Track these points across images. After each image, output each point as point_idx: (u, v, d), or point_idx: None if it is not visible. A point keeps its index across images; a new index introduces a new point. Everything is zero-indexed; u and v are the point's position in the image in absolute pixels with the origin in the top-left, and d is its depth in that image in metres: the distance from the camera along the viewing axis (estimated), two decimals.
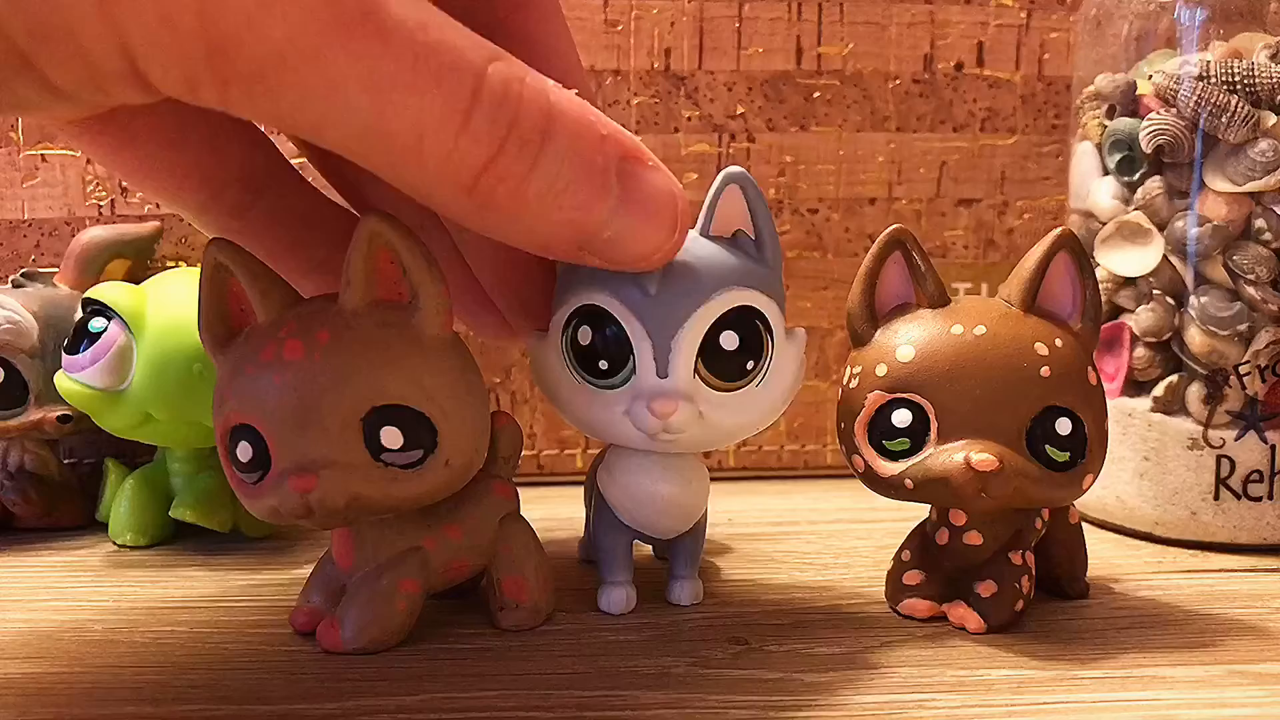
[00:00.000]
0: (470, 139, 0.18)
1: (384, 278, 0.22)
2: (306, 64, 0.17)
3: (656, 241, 0.22)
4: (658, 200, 0.22)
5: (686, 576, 0.27)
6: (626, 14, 0.40)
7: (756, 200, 0.24)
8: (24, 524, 0.35)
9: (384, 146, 0.18)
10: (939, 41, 0.42)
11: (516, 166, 0.19)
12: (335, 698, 0.21)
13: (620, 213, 0.21)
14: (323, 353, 0.22)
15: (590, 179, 0.20)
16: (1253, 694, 0.22)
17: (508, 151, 0.19)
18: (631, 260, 0.22)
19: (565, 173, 0.20)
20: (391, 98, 0.17)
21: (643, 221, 0.21)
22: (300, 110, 0.17)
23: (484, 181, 0.19)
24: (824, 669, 0.23)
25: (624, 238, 0.21)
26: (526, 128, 0.19)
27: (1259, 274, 0.31)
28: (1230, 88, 0.31)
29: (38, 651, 0.24)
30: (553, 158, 0.19)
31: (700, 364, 0.24)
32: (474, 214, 0.20)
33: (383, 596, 0.24)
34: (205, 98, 0.17)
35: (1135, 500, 0.33)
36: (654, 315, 0.24)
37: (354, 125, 0.18)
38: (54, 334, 0.33)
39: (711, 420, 0.24)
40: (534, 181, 0.19)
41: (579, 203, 0.20)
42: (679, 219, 0.22)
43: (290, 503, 0.22)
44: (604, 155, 0.20)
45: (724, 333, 0.24)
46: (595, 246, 0.21)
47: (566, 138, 0.20)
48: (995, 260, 0.43)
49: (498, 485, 0.26)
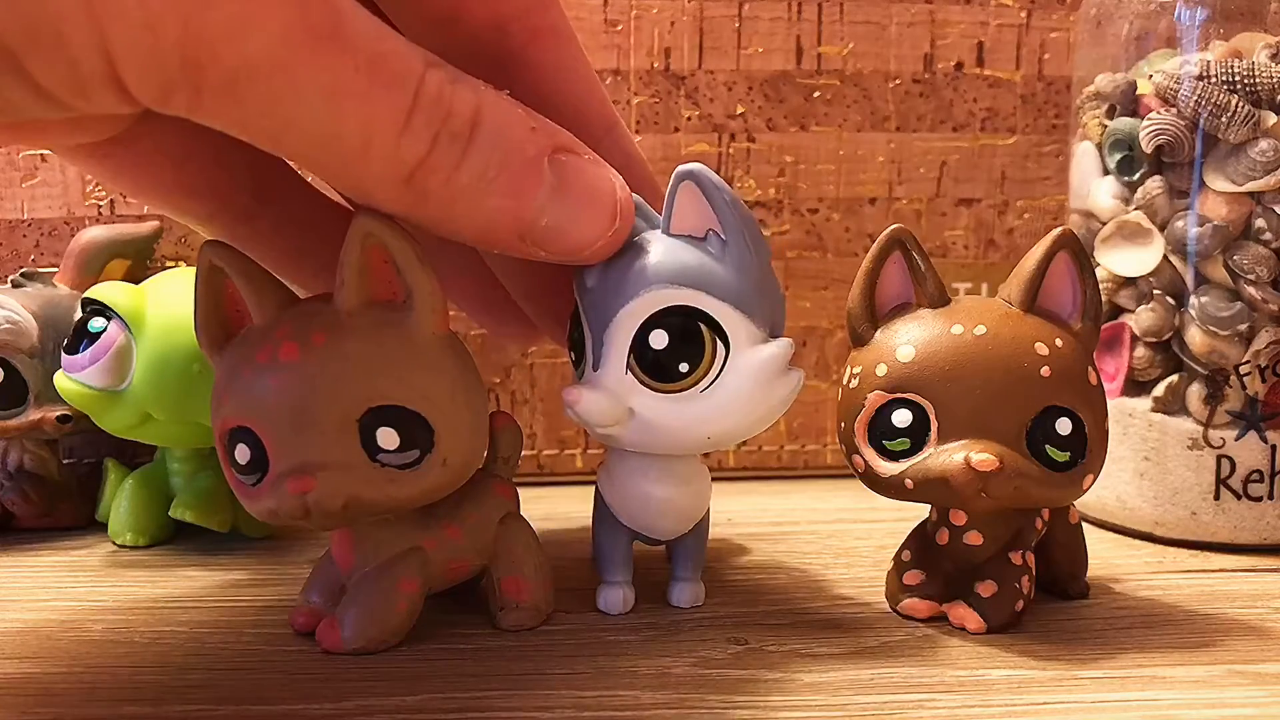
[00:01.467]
0: (410, 137, 0.19)
1: (378, 278, 0.22)
2: (277, 74, 0.18)
3: (595, 231, 0.23)
4: (594, 189, 0.22)
5: (688, 579, 0.27)
6: (626, 14, 0.40)
7: (716, 197, 0.23)
8: (24, 524, 0.35)
9: (335, 150, 0.19)
10: (939, 41, 0.42)
11: (447, 158, 0.20)
12: (335, 698, 0.21)
13: (556, 201, 0.22)
14: (318, 354, 0.22)
15: (521, 168, 0.21)
16: (1253, 694, 0.22)
17: (440, 145, 0.20)
18: (572, 250, 0.23)
19: (495, 161, 0.21)
20: (345, 105, 0.18)
21: (579, 210, 0.22)
22: (264, 118, 0.18)
23: (419, 174, 0.20)
24: (824, 669, 0.23)
25: (562, 227, 0.22)
26: (457, 123, 0.20)
27: (1259, 274, 0.31)
28: (1230, 87, 0.31)
29: (38, 651, 0.24)
30: (481, 149, 0.20)
31: (633, 361, 0.24)
32: (413, 207, 0.21)
33: (383, 596, 0.24)
34: (176, 105, 0.18)
35: (1135, 500, 0.33)
36: (593, 308, 0.24)
37: (311, 132, 0.19)
38: (53, 334, 0.33)
39: (649, 421, 0.24)
40: (464, 170, 0.20)
41: (510, 190, 0.21)
42: (618, 209, 0.23)
43: (288, 504, 0.22)
44: (535, 145, 0.21)
45: (654, 331, 0.24)
46: (535, 236, 0.22)
47: (494, 128, 0.20)
48: (995, 260, 0.43)
49: (498, 485, 0.26)
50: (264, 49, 0.17)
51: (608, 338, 0.24)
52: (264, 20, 0.17)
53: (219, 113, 0.18)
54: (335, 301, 0.22)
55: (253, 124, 0.19)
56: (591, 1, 0.40)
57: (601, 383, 0.24)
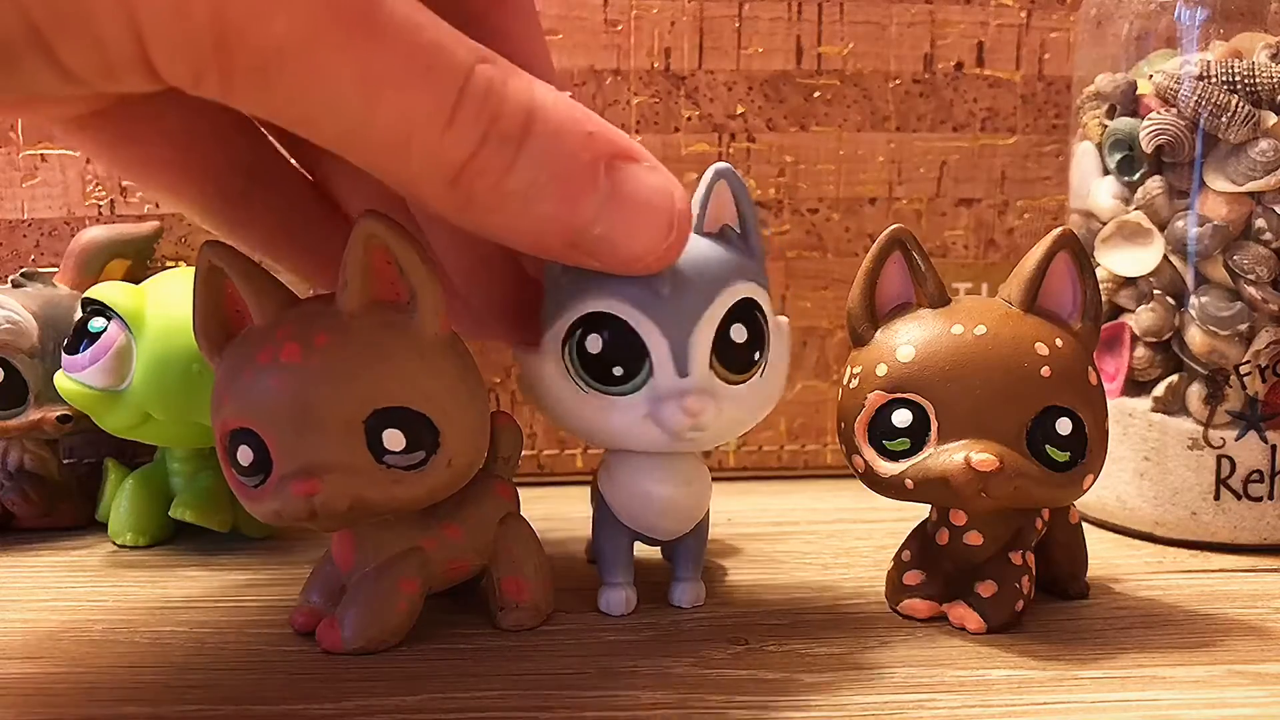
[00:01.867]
0: (454, 135, 0.19)
1: (381, 278, 0.22)
2: (305, 59, 0.17)
3: (650, 243, 0.22)
4: (651, 199, 0.21)
5: (689, 578, 0.27)
6: (626, 14, 0.40)
7: (742, 193, 0.25)
8: (24, 524, 0.35)
9: (373, 142, 0.19)
10: (939, 41, 0.42)
11: (496, 161, 0.19)
12: (335, 698, 0.21)
13: (610, 210, 0.21)
14: (321, 356, 0.22)
15: (574, 175, 0.20)
16: (1253, 694, 0.22)
17: (488, 146, 0.19)
18: (626, 261, 0.22)
19: (547, 167, 0.20)
20: (383, 94, 0.18)
21: (635, 220, 0.21)
22: (296, 104, 0.18)
23: (465, 176, 0.19)
24: (824, 669, 0.23)
25: (615, 236, 0.21)
26: (507, 124, 0.19)
27: (1259, 274, 0.31)
28: (1230, 87, 0.31)
29: (38, 651, 0.24)
30: (532, 153, 0.20)
31: (714, 359, 0.24)
32: (458, 209, 0.20)
33: (383, 596, 0.24)
34: (207, 88, 0.17)
35: (1135, 500, 0.33)
36: (668, 315, 0.24)
37: (345, 121, 0.18)
38: (53, 334, 0.33)
39: (725, 413, 0.24)
40: (513, 176, 0.20)
41: (563, 197, 0.20)
42: (676, 219, 0.22)
43: (293, 506, 0.22)
44: (590, 152, 0.20)
45: (734, 325, 0.24)
46: (586, 245, 0.21)
47: (548, 133, 0.20)
48: (995, 260, 0.43)
49: (498, 485, 0.26)
50: (292, 31, 0.17)
51: (693, 341, 0.24)
52: (293, 3, 0.17)
53: (250, 97, 0.18)
54: (337, 302, 0.22)
55: (285, 110, 0.18)
56: (591, 1, 0.40)
57: (699, 387, 0.24)
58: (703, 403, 0.24)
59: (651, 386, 0.24)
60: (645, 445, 0.25)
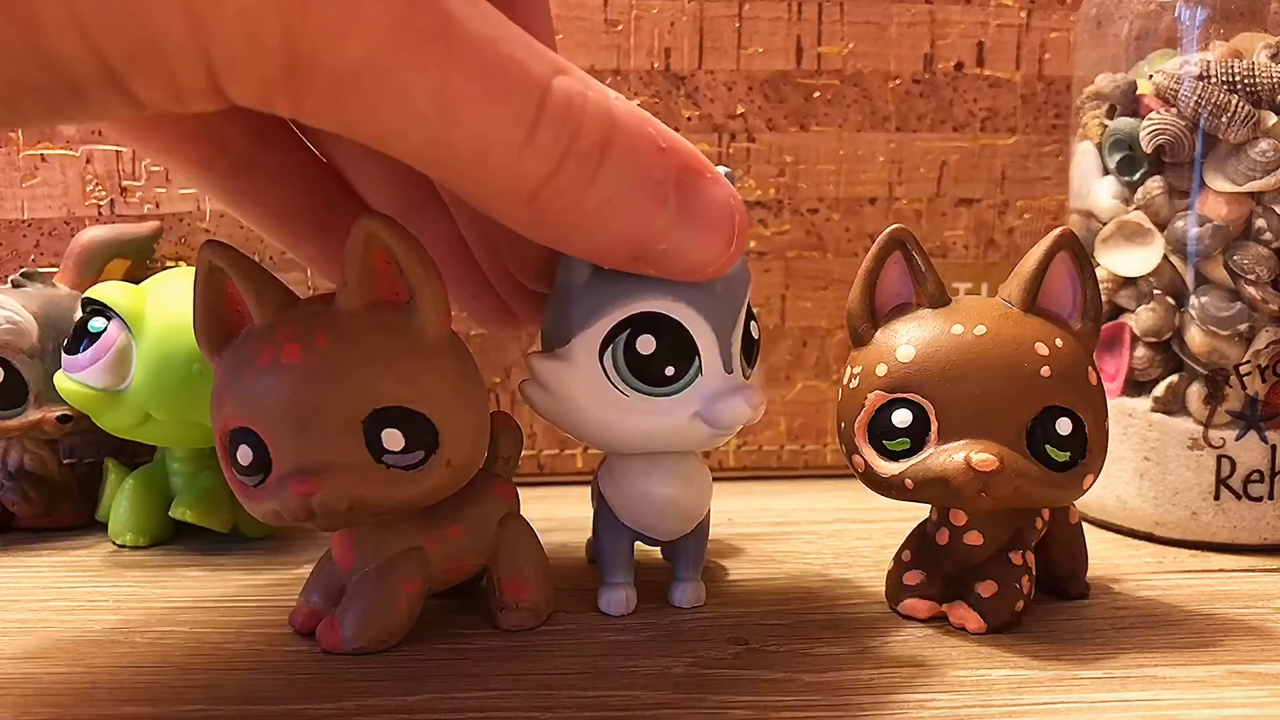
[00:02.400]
0: (533, 153, 0.19)
1: (381, 278, 0.22)
2: (381, 81, 0.17)
3: (713, 254, 0.22)
4: (716, 214, 0.22)
5: (689, 579, 0.27)
6: (626, 14, 0.40)
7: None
8: (24, 524, 0.35)
9: (449, 158, 0.18)
10: (939, 41, 0.42)
11: (576, 180, 0.19)
12: (335, 698, 0.21)
13: (678, 225, 0.21)
14: (321, 355, 0.22)
15: (648, 192, 0.20)
16: (1253, 694, 0.22)
17: (568, 166, 0.19)
18: (688, 271, 0.22)
19: (623, 186, 0.20)
20: (459, 112, 0.18)
21: (700, 234, 0.22)
22: (370, 122, 0.18)
23: (543, 195, 0.19)
24: (824, 669, 0.23)
25: (681, 249, 0.22)
26: (587, 142, 0.19)
27: (1259, 274, 0.31)
28: (1230, 87, 0.31)
29: (38, 651, 0.24)
30: (611, 171, 0.20)
31: (741, 355, 0.25)
32: (532, 225, 0.20)
33: (383, 596, 0.24)
34: (279, 108, 0.17)
35: (1135, 500, 0.33)
36: (717, 314, 0.24)
37: (421, 138, 0.18)
38: (53, 334, 0.34)
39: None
40: (592, 195, 0.20)
41: (635, 216, 0.20)
42: (736, 231, 0.22)
43: (292, 506, 0.22)
44: (662, 169, 0.21)
45: (751, 322, 0.25)
46: (651, 258, 0.22)
47: (626, 152, 0.20)
48: (995, 260, 0.43)
49: (498, 485, 0.26)
50: (365, 53, 0.17)
51: (733, 338, 0.24)
52: (365, 23, 0.16)
53: (324, 117, 0.17)
54: (337, 302, 0.22)
55: (358, 128, 0.18)
56: (591, 1, 0.40)
57: (742, 382, 0.25)
58: (760, 396, 0.25)
59: (699, 385, 0.24)
60: (690, 445, 0.25)
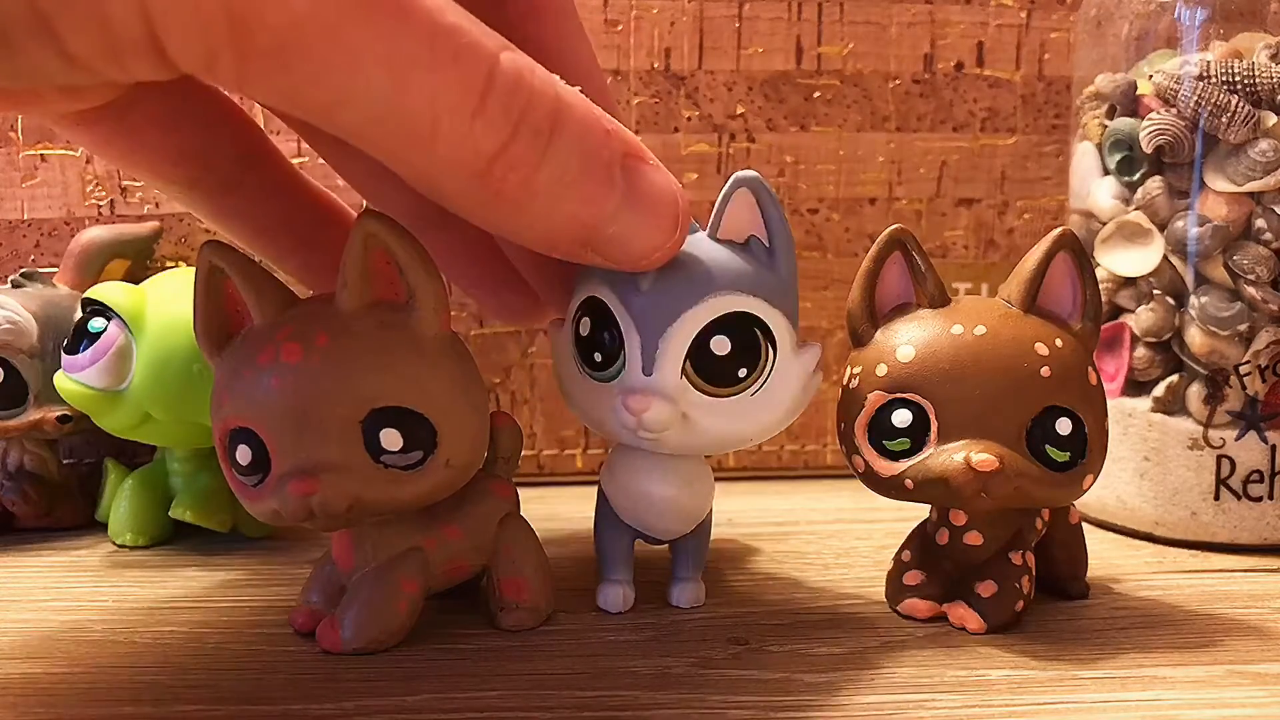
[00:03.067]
0: (485, 123, 0.18)
1: (380, 278, 0.22)
2: (326, 38, 0.16)
3: (657, 240, 0.22)
4: (660, 198, 0.22)
5: (689, 579, 0.27)
6: (626, 14, 0.40)
7: (770, 205, 0.24)
8: (24, 524, 0.35)
9: (398, 129, 0.18)
10: (939, 41, 0.42)
11: (529, 155, 0.19)
12: (335, 698, 0.21)
13: (624, 209, 0.21)
14: (321, 355, 0.22)
15: (597, 172, 0.20)
16: (1253, 694, 0.22)
17: (520, 139, 0.19)
18: (633, 259, 0.22)
19: (574, 164, 0.20)
20: (410, 76, 0.17)
21: (645, 219, 0.22)
22: (316, 88, 0.17)
23: (496, 169, 0.19)
24: (824, 669, 0.23)
25: (627, 235, 0.21)
26: (538, 116, 0.19)
27: (1259, 274, 0.31)
28: (1230, 88, 0.31)
29: (38, 651, 0.24)
30: (562, 148, 0.19)
31: (689, 366, 0.24)
32: (483, 204, 0.20)
33: (383, 597, 0.24)
34: (221, 73, 0.17)
35: (1135, 500, 0.33)
36: (645, 312, 0.24)
37: (370, 105, 0.17)
38: (53, 334, 0.33)
39: (699, 424, 0.24)
40: (544, 171, 0.19)
41: (586, 195, 0.20)
42: (679, 218, 0.22)
43: (291, 506, 0.22)
44: (609, 150, 0.20)
45: (716, 337, 0.24)
46: (598, 244, 0.21)
47: (575, 130, 0.19)
48: (995, 260, 0.43)
49: (498, 485, 0.26)
50: (310, 10, 0.16)
51: (664, 342, 0.23)
52: None
53: (267, 82, 0.17)
54: (337, 302, 0.22)
55: (305, 95, 0.17)
56: (591, 1, 0.40)
57: (658, 388, 0.24)
58: (644, 403, 0.23)
59: (622, 379, 0.24)
60: (617, 435, 0.25)
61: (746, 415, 0.24)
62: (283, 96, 0.17)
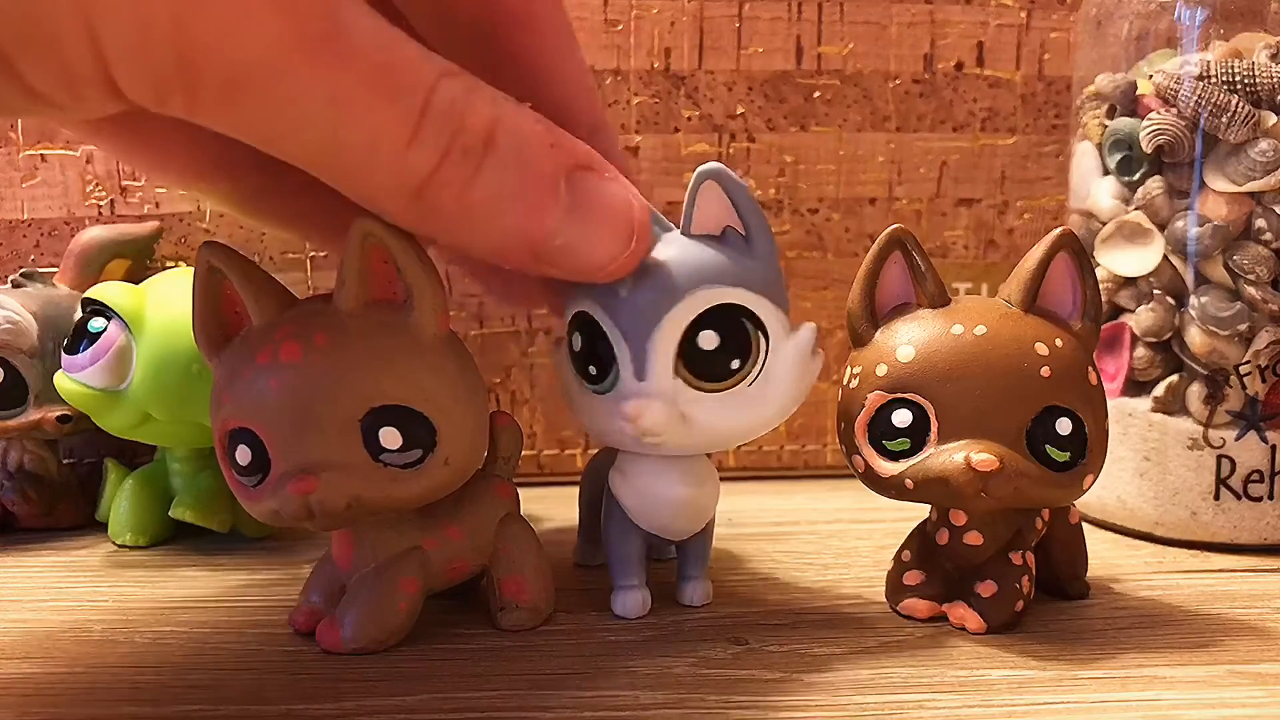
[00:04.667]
0: (418, 148, 0.19)
1: (378, 278, 0.22)
2: (273, 80, 0.17)
3: (611, 252, 0.22)
4: (610, 210, 0.22)
5: (698, 577, 0.27)
6: (626, 14, 0.40)
7: (738, 194, 0.24)
8: (24, 524, 0.35)
9: (338, 159, 0.19)
10: (939, 41, 0.42)
11: (460, 172, 0.20)
12: (335, 698, 0.21)
13: (571, 221, 0.21)
14: (320, 355, 0.22)
15: (536, 186, 0.21)
16: (1253, 694, 0.22)
17: (451, 158, 0.19)
18: (588, 270, 0.22)
19: (510, 179, 0.20)
20: (349, 114, 0.18)
21: (594, 231, 0.22)
22: (262, 123, 0.18)
23: (429, 188, 0.19)
24: (824, 669, 0.23)
25: (576, 247, 0.22)
26: (470, 135, 0.19)
27: (1259, 274, 0.31)
28: (1230, 87, 0.31)
29: (38, 651, 0.24)
30: (496, 164, 0.20)
31: (680, 365, 0.24)
32: (422, 220, 0.21)
33: (383, 596, 0.24)
34: (173, 107, 0.18)
35: (1135, 500, 0.33)
36: (629, 318, 0.24)
37: (312, 139, 0.18)
38: (53, 334, 0.33)
39: (699, 422, 0.24)
40: (478, 187, 0.20)
41: (525, 209, 0.21)
42: (635, 229, 0.22)
43: (291, 505, 0.22)
44: (552, 163, 0.21)
45: (702, 332, 0.23)
46: (548, 255, 0.22)
47: (511, 146, 0.20)
48: (995, 260, 0.43)
49: (498, 485, 0.26)
50: (258, 55, 0.17)
51: (651, 345, 0.23)
52: (257, 25, 0.17)
53: (216, 117, 0.18)
54: (335, 302, 0.22)
55: (252, 129, 0.18)
56: (592, 1, 0.40)
57: (653, 391, 0.23)
58: (638, 408, 0.23)
59: (619, 388, 0.24)
60: (624, 445, 0.25)
61: (747, 407, 0.24)
62: (231, 129, 0.18)
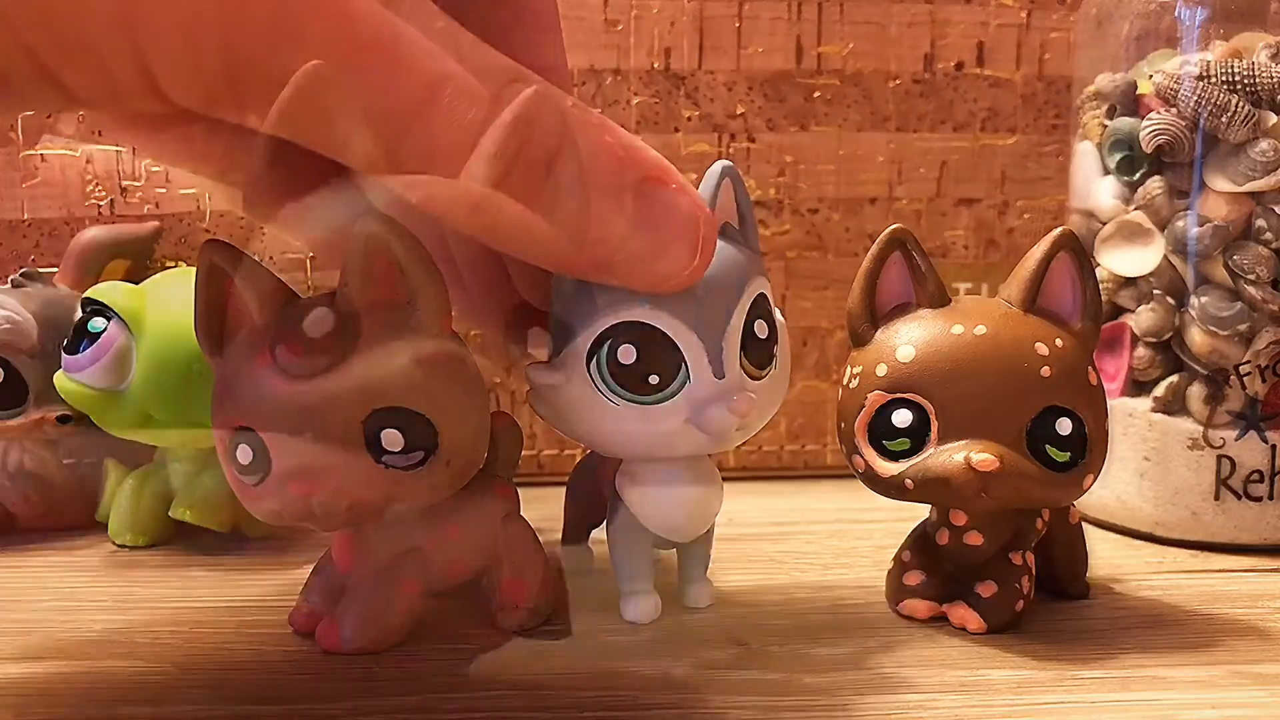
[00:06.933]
0: (479, 160, 0.18)
1: (381, 279, 0.22)
2: (324, 90, 0.17)
3: (678, 264, 0.22)
4: (677, 223, 0.21)
5: (702, 578, 0.27)
6: (626, 14, 0.40)
7: (741, 189, 0.25)
8: (24, 524, 0.35)
9: (396, 169, 0.18)
10: (939, 41, 0.42)
11: (523, 187, 0.19)
12: (335, 698, 0.21)
13: (636, 234, 0.21)
14: (322, 355, 0.22)
15: (601, 200, 0.20)
16: (1253, 694, 0.22)
17: (515, 172, 0.19)
18: (653, 282, 0.22)
19: (573, 193, 0.20)
20: (404, 123, 0.18)
21: (661, 243, 0.21)
22: (317, 131, 0.18)
23: (490, 201, 0.19)
24: (825, 670, 0.23)
25: (642, 259, 0.21)
26: (537, 148, 0.19)
27: (1259, 274, 0.31)
28: (1231, 87, 0.31)
29: (38, 651, 0.24)
30: (560, 179, 0.19)
31: (743, 357, 0.24)
32: (484, 231, 0.20)
33: (383, 597, 0.24)
34: (223, 113, 0.17)
35: (1136, 500, 0.33)
36: (703, 319, 0.23)
37: (365, 148, 0.18)
38: (54, 334, 0.33)
39: (760, 408, 0.24)
40: (541, 202, 0.19)
41: (591, 221, 0.20)
42: (701, 242, 0.22)
43: (292, 506, 0.22)
44: (618, 176, 0.20)
45: (756, 321, 0.24)
46: (613, 267, 0.21)
47: (577, 159, 0.20)
48: (995, 260, 0.43)
49: (498, 485, 0.26)
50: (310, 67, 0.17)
51: (725, 342, 0.24)
52: (307, 33, 0.16)
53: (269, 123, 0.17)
54: (338, 302, 0.22)
55: (304, 135, 0.18)
56: (592, 1, 0.40)
57: (737, 385, 0.24)
58: (748, 401, 0.24)
59: (688, 391, 0.23)
60: (688, 450, 0.25)
61: (777, 389, 0.25)
62: (285, 133, 0.18)
